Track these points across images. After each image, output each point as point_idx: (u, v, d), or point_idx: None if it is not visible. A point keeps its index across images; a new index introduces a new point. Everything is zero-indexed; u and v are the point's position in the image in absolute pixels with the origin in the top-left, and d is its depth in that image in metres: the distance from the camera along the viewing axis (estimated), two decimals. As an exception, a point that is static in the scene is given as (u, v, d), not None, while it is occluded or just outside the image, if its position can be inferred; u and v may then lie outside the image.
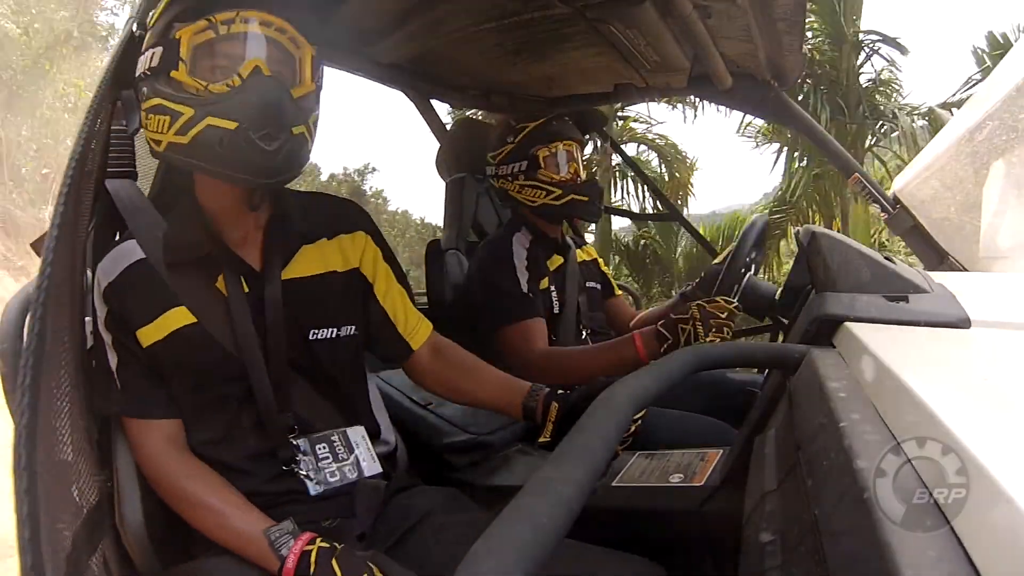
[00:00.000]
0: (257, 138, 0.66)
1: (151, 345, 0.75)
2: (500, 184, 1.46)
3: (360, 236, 0.89)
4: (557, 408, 0.82)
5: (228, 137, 0.66)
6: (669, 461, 0.96)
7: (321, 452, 0.82)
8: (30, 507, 0.47)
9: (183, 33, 0.68)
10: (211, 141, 0.66)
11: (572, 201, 1.40)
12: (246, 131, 0.66)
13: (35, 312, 0.53)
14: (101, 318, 0.76)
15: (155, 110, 0.69)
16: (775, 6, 1.17)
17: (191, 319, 0.76)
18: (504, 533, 0.28)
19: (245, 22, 0.69)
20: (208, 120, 0.66)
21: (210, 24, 0.68)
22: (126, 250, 0.78)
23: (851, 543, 0.29)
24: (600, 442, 0.36)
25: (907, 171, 1.55)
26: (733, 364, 0.57)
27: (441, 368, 0.93)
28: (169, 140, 0.69)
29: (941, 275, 0.71)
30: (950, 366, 0.47)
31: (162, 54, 0.69)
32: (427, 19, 1.38)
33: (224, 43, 0.70)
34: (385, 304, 0.90)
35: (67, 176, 0.61)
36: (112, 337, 0.76)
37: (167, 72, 0.68)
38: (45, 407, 0.52)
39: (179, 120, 0.67)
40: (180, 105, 0.67)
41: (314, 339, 0.83)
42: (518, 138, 1.42)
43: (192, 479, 0.75)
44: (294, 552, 0.69)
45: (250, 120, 0.66)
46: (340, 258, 0.86)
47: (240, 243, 0.80)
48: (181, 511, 0.75)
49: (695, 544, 0.83)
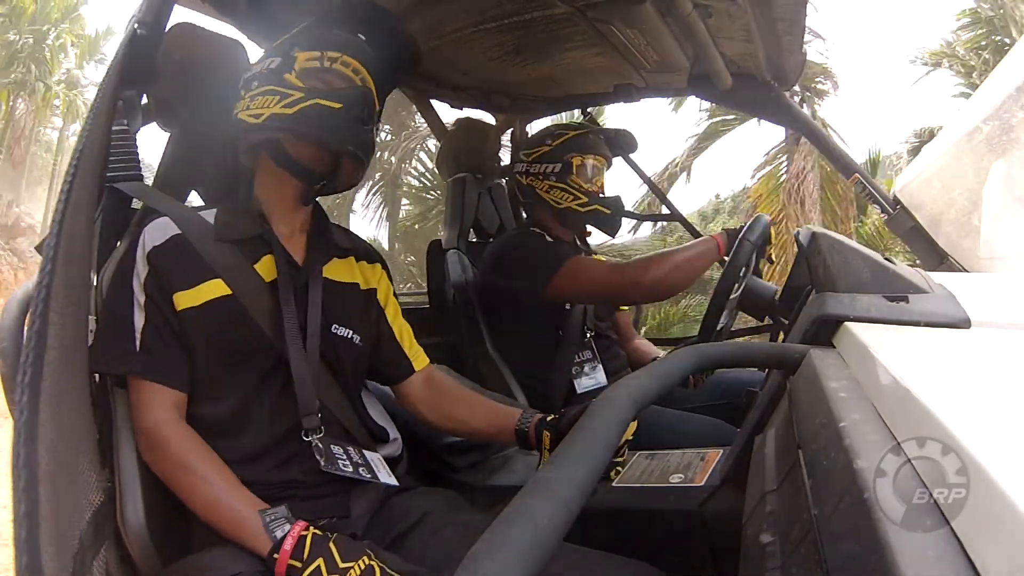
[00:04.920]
0: (355, 117, 0.81)
1: (185, 310, 0.78)
2: (528, 181, 1.51)
3: (378, 268, 1.00)
4: (549, 437, 0.85)
5: (330, 113, 0.80)
6: (669, 461, 0.96)
7: (336, 452, 0.83)
8: (28, 506, 0.47)
9: (300, 54, 0.84)
10: (316, 114, 0.80)
11: (596, 211, 1.46)
12: (348, 111, 0.81)
13: (35, 310, 0.53)
14: (141, 278, 0.79)
15: (265, 93, 0.82)
16: (775, 6, 1.17)
17: (227, 291, 0.80)
18: (504, 534, 0.28)
19: (345, 65, 0.85)
20: (316, 100, 0.80)
21: (320, 56, 0.84)
22: (166, 223, 0.82)
23: (851, 543, 0.29)
24: (600, 442, 0.36)
25: (907, 171, 1.55)
26: (733, 364, 0.57)
27: (434, 396, 0.98)
28: (274, 112, 0.80)
29: (941, 275, 0.71)
30: (950, 366, 0.47)
31: (280, 63, 0.84)
32: (427, 19, 1.38)
33: (327, 73, 0.84)
34: (394, 327, 0.99)
35: (68, 176, 0.61)
36: (147, 298, 0.78)
37: (282, 74, 0.82)
38: (46, 406, 0.52)
39: (288, 99, 0.80)
40: (291, 90, 0.81)
41: (335, 333, 0.88)
42: (556, 142, 1.49)
43: (193, 450, 0.75)
44: (291, 535, 0.68)
45: (350, 102, 0.81)
46: (363, 278, 0.96)
47: (287, 238, 0.88)
48: (176, 480, 0.74)
49: (695, 544, 0.83)
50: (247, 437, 0.80)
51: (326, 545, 0.68)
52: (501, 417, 0.93)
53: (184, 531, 0.78)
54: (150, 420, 0.76)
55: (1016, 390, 0.38)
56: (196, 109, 0.94)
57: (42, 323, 0.53)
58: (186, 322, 0.78)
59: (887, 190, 1.54)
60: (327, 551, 0.67)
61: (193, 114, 0.94)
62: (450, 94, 1.85)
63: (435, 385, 0.99)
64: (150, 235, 0.80)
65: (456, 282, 1.59)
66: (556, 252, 1.39)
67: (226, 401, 0.80)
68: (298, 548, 0.68)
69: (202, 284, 0.80)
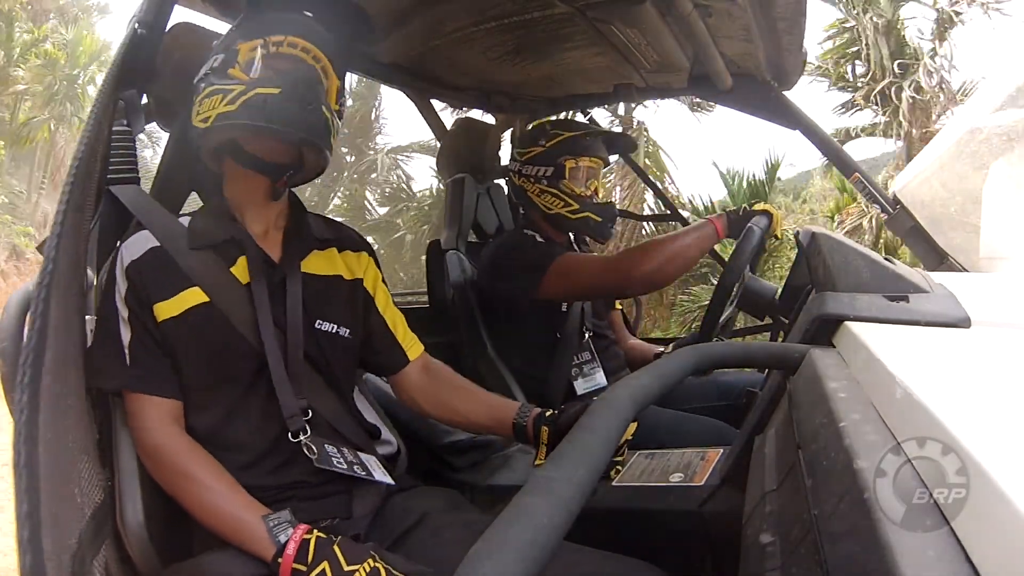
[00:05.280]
0: (297, 98, 0.77)
1: (165, 320, 0.78)
2: (520, 182, 1.48)
3: (364, 256, 0.97)
4: (547, 432, 0.84)
5: (272, 98, 0.77)
6: (669, 461, 0.96)
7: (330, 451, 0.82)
8: (30, 506, 0.47)
9: (242, 45, 0.81)
10: (258, 103, 0.77)
11: (586, 218, 1.42)
12: (288, 93, 0.77)
13: (36, 310, 0.53)
14: (121, 293, 0.79)
15: (211, 94, 0.79)
16: (775, 6, 1.17)
17: (205, 298, 0.80)
18: (504, 533, 0.28)
19: (292, 47, 0.81)
20: (256, 89, 0.77)
21: (264, 42, 0.80)
22: (145, 236, 0.82)
23: (851, 543, 0.29)
24: (600, 442, 0.36)
25: (907, 171, 1.55)
26: (733, 364, 0.57)
27: (431, 386, 0.96)
28: (219, 111, 0.78)
29: (941, 275, 0.71)
30: (950, 366, 0.47)
31: (222, 59, 0.81)
32: (427, 19, 1.38)
33: (273, 59, 0.81)
34: (385, 316, 0.96)
35: (69, 177, 0.61)
36: (129, 312, 0.78)
37: (225, 70, 0.80)
38: (46, 406, 0.52)
39: (230, 95, 0.77)
40: (232, 84, 0.78)
41: (319, 328, 0.86)
42: (550, 143, 1.43)
43: (192, 459, 0.75)
44: (294, 539, 0.68)
45: (291, 86, 0.78)
46: (346, 268, 0.93)
47: (261, 237, 0.86)
48: (177, 489, 0.74)
49: (695, 544, 0.83)
50: (240, 442, 0.80)
51: (331, 548, 0.68)
52: (499, 409, 0.91)
53: (185, 532, 0.78)
54: (145, 430, 0.76)
55: (1016, 390, 0.38)
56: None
57: (42, 323, 0.53)
58: (168, 332, 0.78)
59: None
60: (332, 554, 0.67)
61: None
62: (450, 94, 1.85)
63: (432, 374, 0.97)
64: (127, 251, 0.80)
65: (455, 282, 1.59)
66: (545, 252, 1.36)
67: (215, 408, 0.80)
68: (302, 551, 0.68)
69: (180, 293, 0.79)
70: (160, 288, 0.79)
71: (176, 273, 0.80)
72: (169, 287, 0.79)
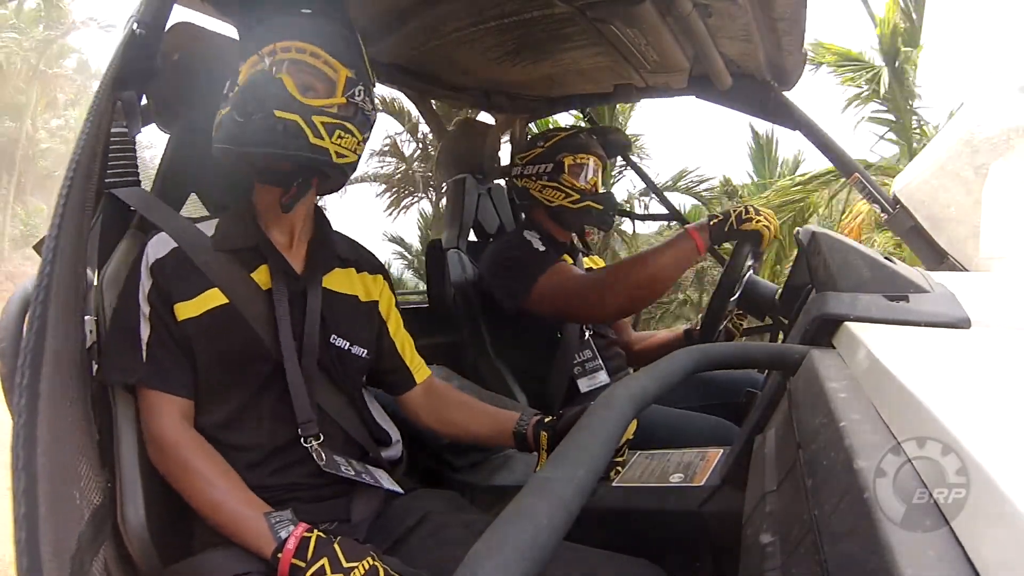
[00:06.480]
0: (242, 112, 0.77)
1: (185, 320, 0.80)
2: (523, 183, 1.54)
3: (380, 280, 0.99)
4: (547, 437, 0.86)
5: (226, 118, 0.79)
6: (669, 461, 0.96)
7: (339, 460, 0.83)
8: (28, 508, 0.47)
9: (242, 69, 0.83)
10: (223, 125, 0.79)
11: (588, 207, 1.47)
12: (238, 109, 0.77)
13: (34, 311, 0.53)
14: (145, 290, 0.80)
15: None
16: (775, 6, 1.17)
17: (224, 300, 0.81)
18: (504, 534, 0.28)
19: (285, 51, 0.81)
20: (222, 111, 0.80)
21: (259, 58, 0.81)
22: (167, 237, 0.83)
23: (851, 543, 0.29)
24: (600, 442, 0.36)
25: (907, 171, 1.55)
26: (733, 364, 0.57)
27: (434, 403, 1.00)
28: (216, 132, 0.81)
29: (941, 275, 0.71)
30: (950, 366, 0.47)
31: (229, 84, 0.82)
32: (427, 19, 1.38)
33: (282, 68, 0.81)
34: (396, 339, 0.99)
35: (68, 177, 0.61)
36: (151, 309, 0.80)
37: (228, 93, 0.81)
38: (44, 408, 0.52)
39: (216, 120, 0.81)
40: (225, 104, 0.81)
41: (333, 343, 0.88)
42: (548, 143, 1.51)
43: (199, 454, 0.76)
44: (295, 536, 0.69)
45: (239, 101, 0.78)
46: (363, 289, 0.95)
47: (285, 247, 0.88)
48: (182, 483, 0.75)
49: (695, 544, 0.83)
50: (247, 442, 0.80)
51: (331, 546, 0.68)
52: (499, 421, 0.94)
53: (185, 532, 0.78)
54: (158, 427, 0.77)
55: (1016, 390, 0.38)
56: (196, 110, 0.94)
57: (41, 323, 0.53)
58: (187, 331, 0.80)
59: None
60: (331, 551, 0.67)
61: (193, 115, 0.94)
62: (450, 94, 1.85)
63: (434, 393, 1.01)
64: (153, 249, 0.82)
65: (456, 282, 1.59)
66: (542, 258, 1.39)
67: (227, 407, 0.81)
68: (301, 548, 0.68)
69: (201, 294, 0.81)
70: (182, 288, 0.80)
71: (197, 274, 0.82)
72: (191, 287, 0.81)
